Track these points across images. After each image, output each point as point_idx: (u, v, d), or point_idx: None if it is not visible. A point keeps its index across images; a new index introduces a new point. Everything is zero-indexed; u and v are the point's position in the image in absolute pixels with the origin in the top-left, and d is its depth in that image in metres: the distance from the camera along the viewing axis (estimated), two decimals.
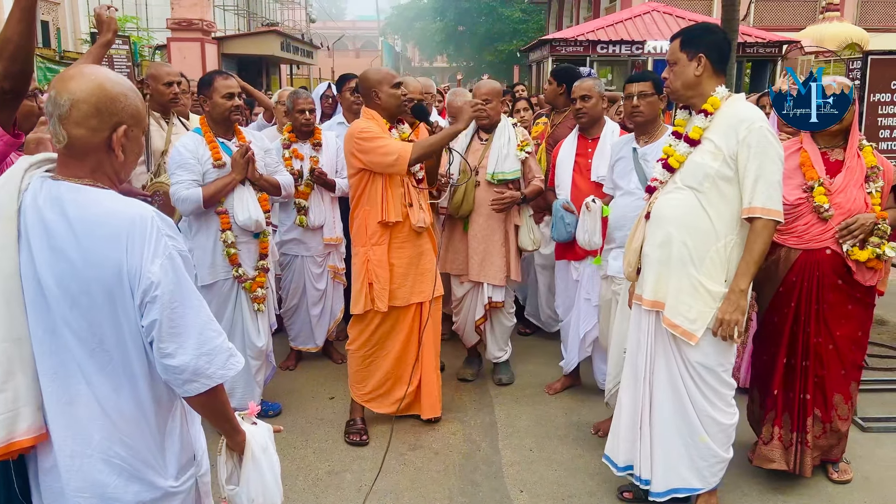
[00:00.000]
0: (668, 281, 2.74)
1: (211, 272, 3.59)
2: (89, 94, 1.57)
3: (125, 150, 1.65)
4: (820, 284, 3.07)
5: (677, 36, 2.79)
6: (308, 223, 4.37)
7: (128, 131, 1.63)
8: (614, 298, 3.59)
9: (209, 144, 3.54)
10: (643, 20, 16.31)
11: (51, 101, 1.57)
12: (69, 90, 1.56)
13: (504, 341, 4.39)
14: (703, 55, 2.68)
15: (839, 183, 3.07)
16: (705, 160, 2.67)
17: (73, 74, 1.60)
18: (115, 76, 1.68)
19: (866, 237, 3.00)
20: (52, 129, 1.57)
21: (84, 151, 1.59)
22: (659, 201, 2.80)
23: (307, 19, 31.67)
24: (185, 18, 14.56)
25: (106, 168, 1.64)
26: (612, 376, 3.57)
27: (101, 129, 1.59)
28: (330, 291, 4.57)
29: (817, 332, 3.10)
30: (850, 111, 3.09)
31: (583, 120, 4.08)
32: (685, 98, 2.79)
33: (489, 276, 4.17)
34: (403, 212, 3.56)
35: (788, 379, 3.15)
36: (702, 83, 2.71)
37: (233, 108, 3.54)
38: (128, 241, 1.53)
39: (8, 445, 1.56)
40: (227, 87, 3.52)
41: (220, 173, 3.52)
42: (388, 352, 3.69)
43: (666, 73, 2.82)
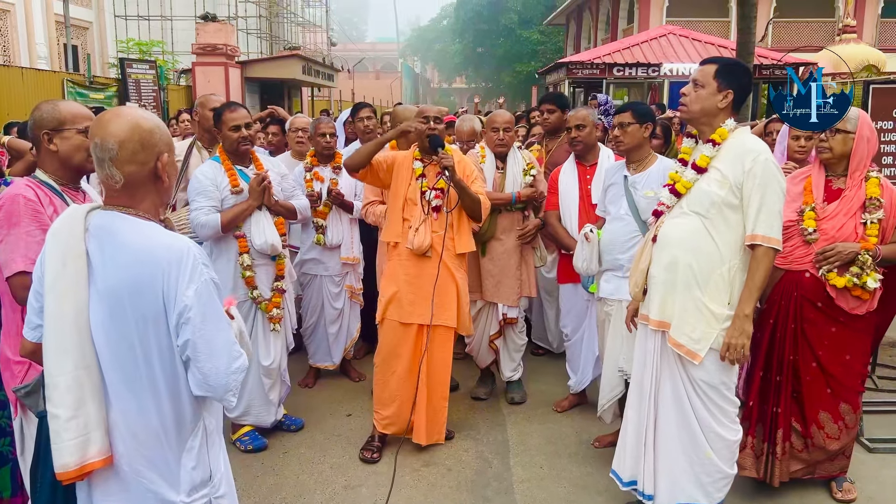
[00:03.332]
0: (673, 302, 2.85)
1: (231, 294, 3.75)
2: (131, 132, 1.75)
3: (169, 175, 1.84)
4: (798, 304, 3.19)
5: (713, 62, 2.87)
6: (325, 241, 4.53)
7: (169, 158, 1.83)
8: (607, 319, 3.72)
9: (227, 172, 3.72)
10: (659, 43, 16.45)
11: (98, 147, 1.74)
12: (113, 134, 1.73)
13: (516, 360, 4.51)
14: (733, 92, 2.80)
15: (830, 210, 3.18)
16: (712, 188, 2.78)
17: (108, 119, 1.77)
18: (144, 112, 1.88)
19: (846, 265, 3.09)
20: (106, 172, 1.74)
21: (136, 185, 1.77)
22: (666, 225, 2.92)
23: (328, 43, 32.14)
24: (209, 43, 14.95)
25: (154, 198, 1.83)
26: (606, 392, 3.74)
27: (148, 161, 1.77)
28: (347, 310, 4.71)
29: (793, 350, 3.21)
30: (848, 139, 3.18)
31: (578, 148, 4.23)
32: (697, 122, 2.89)
33: (503, 297, 4.30)
34: (402, 233, 3.72)
35: (763, 391, 3.28)
36: (719, 115, 2.82)
37: (240, 139, 3.70)
38: (168, 268, 1.69)
39: (81, 468, 1.70)
40: (233, 120, 3.68)
41: (238, 199, 3.69)
42: (394, 371, 3.78)
43: (686, 90, 2.90)
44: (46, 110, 2.43)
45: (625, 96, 17.47)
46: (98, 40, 25.18)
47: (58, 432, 1.68)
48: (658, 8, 23.59)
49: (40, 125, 2.43)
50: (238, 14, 23.16)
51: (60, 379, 1.69)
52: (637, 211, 3.59)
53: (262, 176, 3.71)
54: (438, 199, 3.73)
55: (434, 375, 3.79)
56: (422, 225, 3.69)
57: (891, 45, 23.87)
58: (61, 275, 1.71)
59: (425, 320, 3.70)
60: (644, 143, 3.63)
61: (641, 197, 3.57)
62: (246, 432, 3.90)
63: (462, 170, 3.79)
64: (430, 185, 3.73)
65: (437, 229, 3.73)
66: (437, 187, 3.72)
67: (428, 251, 3.69)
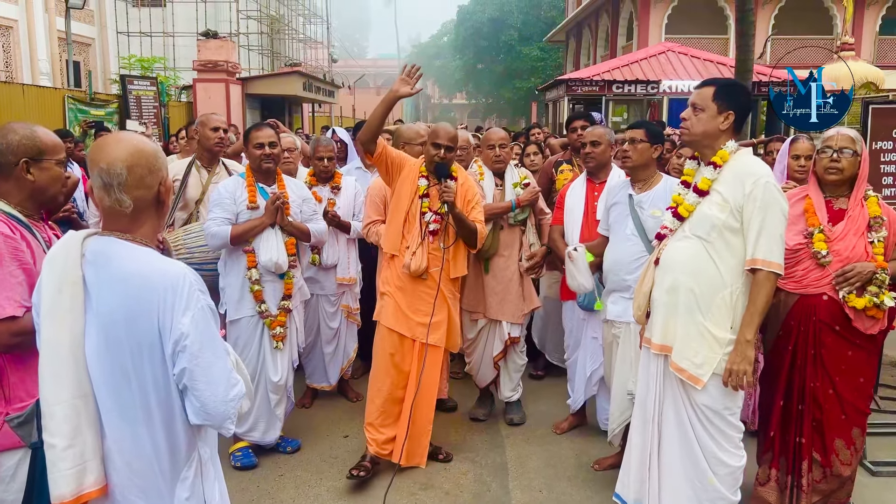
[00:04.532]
0: (675, 326, 2.82)
1: (238, 308, 3.80)
2: (138, 157, 1.73)
3: (169, 198, 1.84)
4: (817, 329, 3.13)
5: (711, 84, 2.85)
6: (321, 261, 4.52)
7: (170, 181, 1.83)
8: (615, 341, 3.68)
9: (248, 188, 3.81)
10: (658, 60, 16.52)
11: (105, 173, 1.70)
12: (120, 159, 1.71)
13: (516, 380, 4.47)
14: (733, 113, 2.78)
15: (839, 230, 3.15)
16: (713, 211, 2.75)
17: (111, 144, 1.75)
18: (139, 136, 1.85)
19: (864, 285, 3.06)
20: (115, 198, 1.71)
21: (141, 210, 1.75)
22: (668, 248, 2.89)
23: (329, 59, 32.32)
24: (210, 60, 15.01)
25: (153, 222, 1.81)
26: (616, 416, 3.68)
27: (153, 185, 1.76)
28: (343, 330, 4.68)
29: (814, 377, 3.15)
30: (857, 161, 3.17)
31: (591, 165, 4.21)
32: (699, 145, 2.88)
33: (507, 314, 4.28)
34: (400, 248, 3.71)
35: (785, 421, 3.20)
36: (720, 136, 2.81)
37: (262, 157, 3.80)
38: (164, 295, 1.66)
39: (78, 498, 1.67)
40: (257, 138, 3.82)
41: (254, 215, 3.76)
42: (381, 388, 3.75)
43: (686, 114, 2.88)
44: (24, 135, 2.21)
45: (624, 113, 17.52)
46: (100, 56, 25.31)
47: (54, 462, 1.65)
48: (657, 25, 23.73)
49: (17, 151, 2.19)
50: (240, 30, 23.35)
51: (57, 408, 1.66)
52: (644, 231, 3.55)
53: (276, 195, 3.78)
54: (437, 223, 3.72)
55: (421, 396, 3.74)
56: (419, 248, 3.67)
57: (889, 62, 23.98)
58: (57, 301, 1.68)
59: (413, 335, 3.70)
60: (651, 163, 3.61)
61: (648, 216, 3.53)
62: (240, 448, 3.88)
63: (464, 194, 3.79)
64: (431, 208, 3.72)
65: (434, 252, 3.72)
66: (438, 212, 3.71)
67: (424, 274, 3.68)
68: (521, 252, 4.35)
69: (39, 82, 21.34)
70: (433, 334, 3.70)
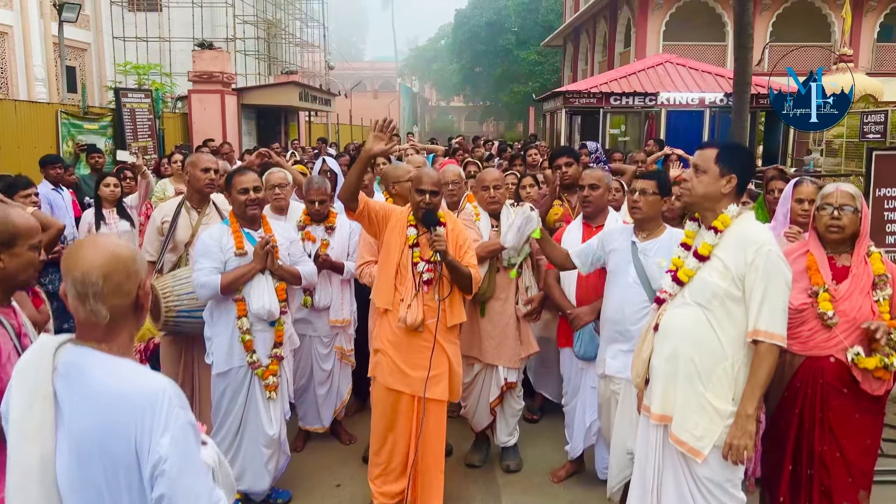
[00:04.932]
0: (675, 396, 2.74)
1: (227, 359, 3.69)
2: (115, 263, 1.64)
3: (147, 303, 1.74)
4: (824, 392, 3.05)
5: (713, 146, 2.79)
6: (313, 303, 4.43)
7: (148, 285, 1.73)
8: (613, 397, 3.59)
9: (234, 234, 3.71)
10: (656, 71, 16.45)
11: (79, 283, 1.61)
12: (95, 266, 1.62)
13: (513, 425, 4.38)
14: (736, 176, 2.71)
15: (844, 290, 3.06)
16: (714, 279, 2.68)
17: (85, 251, 1.65)
18: (115, 239, 1.76)
19: (873, 345, 2.97)
20: (90, 308, 1.62)
21: (118, 318, 1.66)
22: (668, 314, 2.81)
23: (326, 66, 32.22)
24: (205, 71, 14.90)
25: (131, 328, 1.72)
26: (615, 473, 3.60)
27: (132, 291, 1.67)
28: (337, 372, 4.59)
29: (822, 440, 3.07)
30: (858, 218, 3.09)
31: (588, 209, 4.13)
32: (700, 208, 2.81)
33: (504, 359, 4.19)
34: (393, 302, 3.61)
35: (794, 487, 3.12)
36: (722, 200, 2.73)
37: (248, 201, 3.71)
38: (142, 415, 1.57)
39: None
40: (241, 183, 3.72)
41: (242, 261, 3.66)
42: (385, 445, 3.65)
43: (688, 175, 2.82)
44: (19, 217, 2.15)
45: (622, 125, 17.45)
46: (96, 61, 25.23)
47: None
48: (655, 32, 23.71)
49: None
50: (236, 35, 23.25)
51: None
52: (647, 279, 3.46)
53: (265, 239, 3.68)
54: (430, 272, 3.61)
55: (427, 449, 3.65)
56: (414, 300, 3.56)
57: (887, 69, 24.00)
58: (27, 417, 1.59)
59: (413, 391, 3.59)
60: (659, 215, 3.54)
61: (653, 263, 3.43)
62: None
63: (455, 239, 3.69)
64: (423, 257, 3.62)
65: (429, 303, 3.61)
66: (431, 261, 3.60)
67: (420, 326, 3.58)
68: (518, 296, 4.27)
69: (34, 88, 21.33)
70: (434, 388, 3.59)
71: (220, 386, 3.72)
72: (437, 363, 3.61)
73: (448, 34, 53.00)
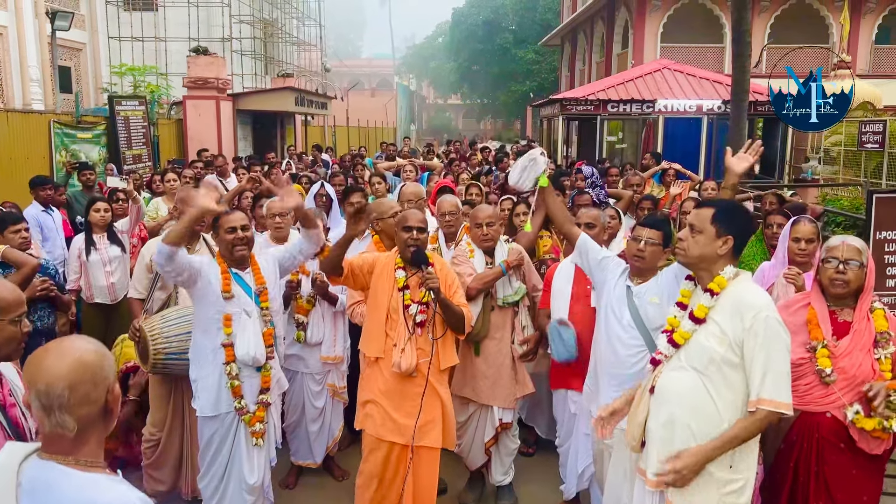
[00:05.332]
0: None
1: (215, 405, 3.60)
2: (81, 371, 1.58)
3: (117, 406, 1.67)
4: (820, 447, 3.00)
5: (710, 205, 2.75)
6: (306, 339, 4.37)
7: (117, 388, 1.66)
8: (606, 450, 3.51)
9: (222, 276, 3.61)
10: (654, 78, 16.37)
11: (43, 395, 1.55)
12: (59, 377, 1.55)
13: (508, 463, 4.33)
14: (733, 238, 2.65)
15: (844, 346, 3.00)
16: (711, 343, 2.61)
17: (49, 360, 1.59)
18: (84, 342, 1.68)
19: (873, 406, 2.91)
20: (55, 420, 1.56)
21: (86, 428, 1.60)
22: (663, 378, 2.75)
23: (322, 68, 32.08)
24: (200, 77, 14.77)
25: (100, 434, 1.66)
26: None
27: (100, 398, 1.61)
28: (329, 409, 4.53)
29: (817, 496, 3.02)
30: (862, 272, 3.03)
31: None
32: (695, 268, 2.75)
33: (499, 399, 4.12)
34: (385, 349, 3.54)
35: None
36: (718, 261, 2.67)
37: (235, 240, 3.62)
38: None
39: None
40: (228, 223, 3.63)
41: (229, 305, 3.55)
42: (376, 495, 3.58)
43: (683, 235, 2.76)
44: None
45: (619, 132, 17.37)
46: (91, 61, 25.06)
47: None
48: (652, 34, 23.64)
49: None
50: (232, 35, 23.13)
51: None
52: (643, 323, 3.39)
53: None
54: (423, 314, 3.54)
55: (420, 500, 3.59)
56: (407, 344, 3.49)
57: (885, 71, 23.98)
58: None
59: (406, 440, 3.51)
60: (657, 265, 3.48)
61: (647, 303, 3.38)
62: None
63: (444, 278, 3.61)
64: (414, 299, 3.55)
65: (423, 346, 3.54)
66: (422, 302, 3.54)
67: (414, 371, 3.51)
68: (514, 335, 4.21)
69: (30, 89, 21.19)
70: (427, 436, 3.52)
71: (208, 431, 3.64)
72: (429, 408, 3.54)
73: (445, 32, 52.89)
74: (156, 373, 3.98)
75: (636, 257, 3.44)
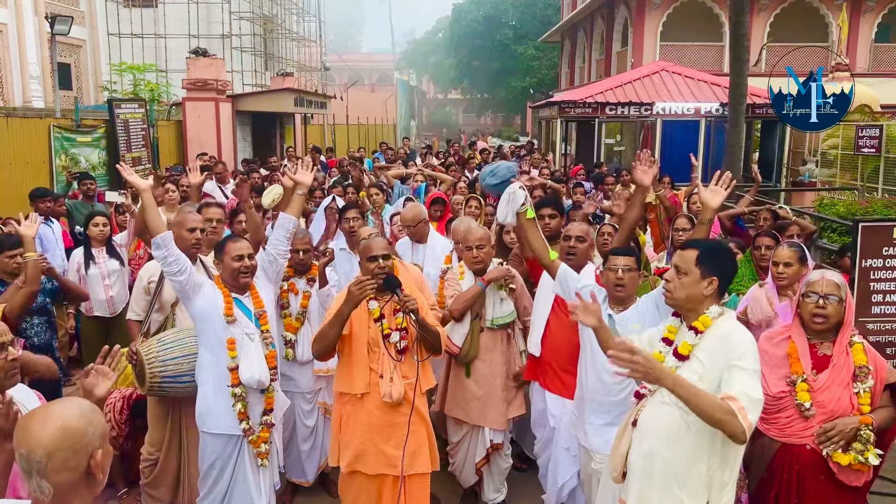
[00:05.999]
0: (651, 495, 2.75)
1: (217, 422, 3.65)
2: (61, 439, 1.62)
3: (103, 470, 1.71)
4: (800, 477, 3.07)
5: (694, 247, 2.78)
6: (295, 356, 4.41)
7: (104, 452, 1.70)
8: (594, 475, 3.57)
9: (224, 299, 3.66)
10: (652, 80, 16.40)
11: (23, 459, 1.61)
12: (40, 444, 1.61)
13: (501, 482, 4.41)
14: (717, 279, 2.71)
15: (823, 380, 3.07)
16: (693, 381, 2.66)
17: (35, 425, 1.64)
18: (75, 405, 1.72)
19: (848, 442, 3.00)
20: (34, 485, 1.62)
21: (66, 492, 1.64)
22: (646, 412, 2.81)
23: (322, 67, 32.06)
24: (200, 79, 14.80)
25: (84, 498, 1.70)
26: None
27: (80, 465, 1.65)
28: (320, 428, 4.57)
29: None
30: (842, 307, 3.09)
31: (572, 260, 4.10)
32: (682, 308, 2.81)
33: (490, 420, 4.19)
34: (371, 382, 3.54)
35: None
36: (704, 301, 2.73)
37: (241, 268, 3.67)
38: None
39: None
40: (236, 250, 3.67)
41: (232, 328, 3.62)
42: None
43: (670, 276, 2.81)
44: None
45: (617, 135, 17.41)
46: (91, 58, 25.09)
47: None
48: (652, 32, 23.63)
49: None
50: (232, 32, 23.13)
51: None
52: None
53: None
54: (405, 339, 3.58)
55: None
56: (394, 373, 3.53)
57: (884, 70, 23.97)
58: None
59: (397, 470, 3.54)
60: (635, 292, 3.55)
61: (630, 330, 3.45)
62: None
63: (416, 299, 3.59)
64: (392, 327, 3.57)
65: (406, 372, 3.57)
66: (401, 327, 3.58)
67: (402, 399, 3.56)
68: (513, 359, 4.26)
69: (29, 87, 21.23)
70: (416, 463, 3.57)
71: (211, 453, 3.69)
72: (416, 435, 3.57)
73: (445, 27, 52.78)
74: (152, 395, 4.05)
75: (618, 286, 3.51)
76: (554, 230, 4.89)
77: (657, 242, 7.01)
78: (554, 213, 4.89)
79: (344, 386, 3.61)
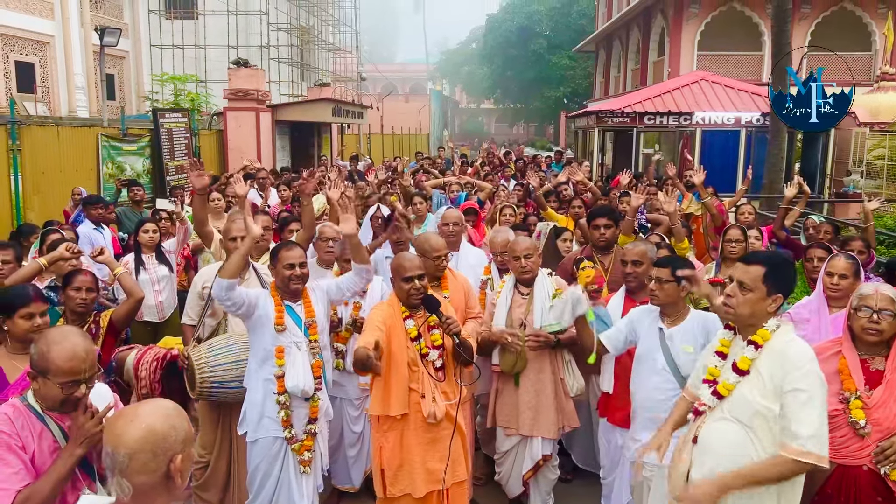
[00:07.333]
0: None
1: (257, 428, 3.73)
2: (144, 441, 1.68)
3: (183, 475, 1.75)
4: (857, 501, 2.99)
5: (759, 263, 2.72)
6: (345, 366, 4.47)
7: (184, 457, 1.75)
8: (646, 483, 3.56)
9: (276, 307, 3.75)
10: (691, 90, 16.23)
11: (108, 457, 1.67)
12: (124, 444, 1.67)
13: (547, 492, 4.39)
14: (783, 296, 2.68)
15: (878, 397, 2.98)
16: (755, 396, 2.63)
17: (123, 423, 1.70)
18: (162, 409, 1.78)
19: None
20: (116, 483, 1.68)
21: (145, 493, 1.70)
22: (707, 428, 2.77)
23: (358, 77, 32.42)
24: (241, 89, 15.10)
25: (164, 499, 1.74)
26: None
27: (160, 468, 1.70)
28: (367, 434, 4.58)
29: None
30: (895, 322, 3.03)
31: (632, 284, 4.09)
32: (743, 324, 2.77)
33: (543, 429, 4.16)
34: (412, 403, 3.56)
35: None
36: (766, 317, 2.70)
37: (293, 276, 3.76)
38: None
39: None
40: (287, 259, 3.77)
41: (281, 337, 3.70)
42: None
43: (732, 291, 2.76)
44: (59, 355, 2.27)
45: (655, 144, 17.27)
46: (134, 69, 25.74)
47: None
48: (689, 41, 23.38)
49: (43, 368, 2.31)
50: (269, 43, 23.55)
51: None
52: (676, 367, 3.46)
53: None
54: (442, 357, 3.62)
55: None
56: (435, 392, 3.56)
57: None
58: None
59: (440, 484, 3.57)
60: (680, 300, 3.53)
61: (681, 352, 3.45)
62: None
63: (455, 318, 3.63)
64: (430, 345, 3.60)
65: (446, 389, 3.61)
66: (437, 345, 3.61)
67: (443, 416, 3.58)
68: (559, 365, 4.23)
69: (75, 97, 21.83)
70: (454, 473, 3.61)
71: (256, 458, 3.77)
72: (455, 447, 3.61)
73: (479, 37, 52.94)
74: (202, 399, 4.12)
75: (652, 296, 3.54)
76: (609, 240, 4.89)
77: (700, 253, 6.93)
78: (609, 224, 4.88)
79: (380, 408, 3.61)
